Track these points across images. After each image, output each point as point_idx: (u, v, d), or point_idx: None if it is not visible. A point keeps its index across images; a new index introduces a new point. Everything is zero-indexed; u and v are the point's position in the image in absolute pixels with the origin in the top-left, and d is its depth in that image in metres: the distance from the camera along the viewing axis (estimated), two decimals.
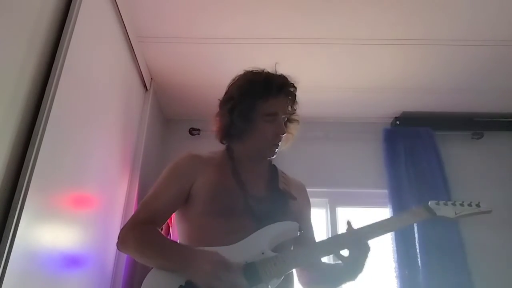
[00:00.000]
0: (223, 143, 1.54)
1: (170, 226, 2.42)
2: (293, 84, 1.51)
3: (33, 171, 1.28)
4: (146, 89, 2.66)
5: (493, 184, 2.88)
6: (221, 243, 1.22)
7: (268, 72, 1.51)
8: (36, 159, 1.30)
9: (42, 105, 1.36)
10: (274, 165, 1.57)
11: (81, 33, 1.58)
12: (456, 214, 1.38)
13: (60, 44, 1.47)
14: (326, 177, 2.88)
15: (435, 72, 2.60)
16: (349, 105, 2.97)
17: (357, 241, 1.28)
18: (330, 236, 2.73)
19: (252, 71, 1.53)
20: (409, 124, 3.00)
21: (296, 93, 1.52)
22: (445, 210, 1.38)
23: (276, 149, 1.47)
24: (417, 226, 2.64)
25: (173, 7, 2.13)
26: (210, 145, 3.01)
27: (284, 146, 1.51)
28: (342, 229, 2.81)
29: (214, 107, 1.50)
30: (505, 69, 2.55)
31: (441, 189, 2.75)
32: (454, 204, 1.40)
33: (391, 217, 1.45)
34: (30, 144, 1.30)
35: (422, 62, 2.52)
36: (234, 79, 1.56)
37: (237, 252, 1.20)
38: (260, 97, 1.43)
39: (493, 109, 2.96)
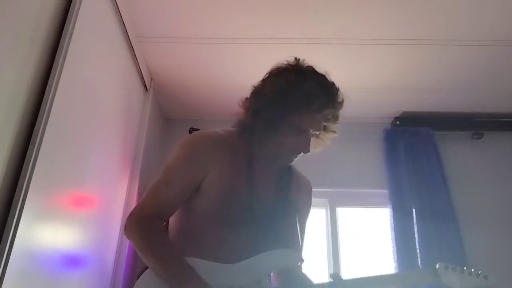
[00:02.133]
0: (239, 135, 1.36)
1: None
2: (340, 102, 1.34)
3: (33, 171, 1.28)
4: (146, 89, 2.66)
5: (493, 184, 2.88)
6: (215, 256, 1.17)
7: (314, 79, 1.31)
8: (36, 159, 1.30)
9: (42, 105, 1.36)
10: (290, 166, 1.45)
11: (81, 33, 1.58)
12: (461, 284, 1.30)
13: (60, 44, 1.47)
14: (326, 177, 2.88)
15: (435, 72, 2.61)
16: (349, 105, 2.92)
17: None
18: (329, 238, 2.76)
19: (296, 72, 1.33)
20: (409, 124, 3.00)
21: (341, 107, 1.37)
22: (451, 278, 1.29)
23: (292, 161, 1.34)
24: (417, 225, 2.65)
25: (173, 7, 2.13)
26: None
27: (314, 151, 1.37)
28: (341, 229, 2.83)
29: (215, 108, 1.49)
30: (505, 69, 2.56)
31: (441, 189, 2.75)
32: (462, 272, 1.32)
33: (393, 273, 1.39)
34: (30, 144, 1.30)
35: (422, 62, 2.52)
36: (275, 71, 1.37)
37: (232, 275, 1.15)
38: (294, 112, 1.25)
39: (493, 109, 2.96)
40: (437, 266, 1.30)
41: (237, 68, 2.59)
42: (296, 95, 1.25)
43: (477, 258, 2.59)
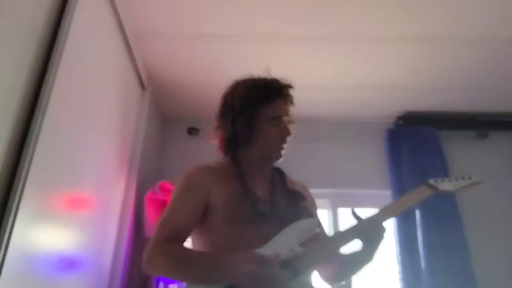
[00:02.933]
0: (226, 155, 1.53)
1: None
2: (290, 85, 1.52)
3: (28, 172, 1.27)
4: (144, 87, 2.64)
5: (498, 184, 2.86)
6: (248, 249, 1.23)
7: (264, 77, 1.51)
8: (32, 159, 1.29)
9: (37, 104, 1.36)
10: (278, 168, 1.58)
11: (77, 30, 1.57)
12: (455, 187, 1.48)
13: (56, 42, 1.46)
14: (328, 177, 2.87)
15: (438, 71, 2.60)
16: (351, 105, 2.96)
17: (375, 225, 1.39)
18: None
19: (248, 79, 1.53)
20: (412, 124, 2.99)
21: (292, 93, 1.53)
22: (445, 185, 1.47)
23: (283, 151, 1.49)
24: (421, 228, 2.64)
25: (172, 3, 2.12)
26: (210, 145, 3.01)
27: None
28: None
29: (214, 107, 1.48)
30: (510, 68, 2.55)
31: None
32: (450, 180, 1.49)
33: (397, 200, 1.53)
34: (25, 145, 1.30)
35: (425, 60, 2.52)
36: (229, 90, 1.56)
37: (266, 252, 1.22)
38: (263, 103, 1.45)
39: (497, 109, 2.96)
40: (429, 181, 1.47)
41: (237, 66, 2.56)
42: (258, 91, 1.46)
43: (482, 259, 2.59)
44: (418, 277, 2.52)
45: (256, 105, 1.45)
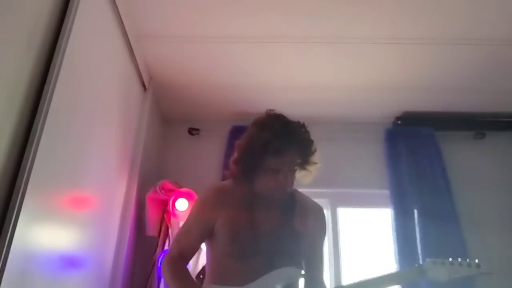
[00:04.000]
0: (238, 182, 1.62)
1: (169, 226, 2.41)
2: (303, 138, 1.55)
3: (31, 171, 1.28)
4: (145, 88, 2.65)
5: (496, 185, 2.87)
6: (234, 282, 1.44)
7: (271, 127, 1.53)
8: (34, 159, 1.29)
9: (40, 105, 1.36)
10: (293, 193, 1.65)
11: (79, 32, 1.58)
12: (449, 275, 1.44)
13: (58, 43, 1.47)
14: (327, 177, 2.84)
15: (437, 71, 2.60)
16: (350, 105, 2.96)
17: None
18: (330, 239, 2.75)
19: (257, 125, 1.58)
20: (411, 124, 2.99)
21: (310, 143, 1.58)
22: (438, 272, 1.44)
23: (281, 195, 1.56)
24: (418, 226, 2.64)
25: (173, 5, 2.12)
26: (210, 145, 3.02)
27: (305, 182, 1.61)
28: (342, 230, 2.82)
29: (214, 107, 1.50)
30: (507, 69, 2.55)
31: (443, 190, 2.74)
32: (451, 264, 1.47)
33: (383, 275, 1.52)
34: (28, 144, 1.30)
35: (423, 61, 2.52)
36: (254, 121, 1.62)
37: None
38: (263, 158, 1.51)
39: (495, 109, 2.96)
40: (426, 261, 1.45)
41: (237, 67, 2.59)
42: (258, 145, 1.51)
43: (479, 259, 2.57)
44: None
45: (256, 154, 1.51)
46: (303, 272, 1.51)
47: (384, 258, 2.68)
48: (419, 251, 2.58)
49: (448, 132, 2.99)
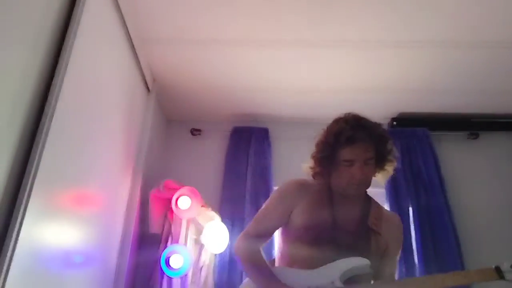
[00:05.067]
0: (316, 179, 1.65)
1: (172, 223, 2.42)
2: (378, 132, 1.58)
3: (37, 171, 1.28)
4: (149, 90, 2.66)
5: (489, 184, 2.87)
6: (302, 266, 1.48)
7: (345, 119, 1.60)
8: (40, 159, 1.30)
9: (46, 106, 1.36)
10: (369, 197, 1.68)
11: (84, 35, 1.58)
12: None
13: (63, 47, 1.47)
14: None
15: (431, 73, 2.60)
16: (346, 107, 2.93)
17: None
18: None
19: (333, 120, 1.64)
20: (406, 125, 2.99)
21: (386, 139, 1.61)
22: None
23: (356, 189, 1.56)
24: (413, 224, 2.65)
25: (176, 9, 2.12)
26: (211, 145, 3.03)
27: (382, 181, 1.66)
28: None
29: (216, 108, 1.52)
30: (501, 70, 2.55)
31: (437, 189, 2.75)
32: None
33: (456, 272, 1.52)
34: (34, 144, 1.30)
35: (418, 63, 2.52)
36: (329, 126, 1.66)
37: (312, 278, 1.43)
38: (337, 149, 1.54)
39: (489, 110, 2.96)
40: (504, 265, 1.38)
41: (239, 69, 2.59)
42: (332, 135, 1.56)
43: (474, 258, 2.59)
44: (412, 273, 2.53)
45: (330, 148, 1.55)
46: (370, 266, 1.47)
47: None
48: (414, 248, 2.59)
49: (443, 133, 3.00)
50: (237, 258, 1.64)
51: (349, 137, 1.51)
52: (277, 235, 1.69)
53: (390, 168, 1.65)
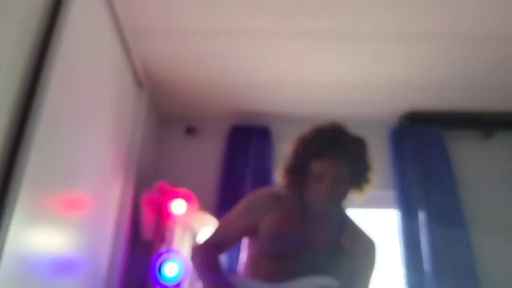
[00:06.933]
0: (290, 189, 1.64)
1: (165, 229, 2.41)
2: (354, 148, 1.56)
3: (23, 173, 1.28)
4: (141, 86, 2.64)
5: (503, 185, 2.87)
6: (266, 280, 1.46)
7: (316, 130, 1.57)
8: (27, 160, 1.30)
9: (32, 105, 1.36)
10: (346, 216, 1.67)
11: (73, 27, 1.58)
12: None
13: (51, 39, 1.47)
14: None
15: (443, 69, 2.60)
16: (353, 104, 2.96)
17: None
18: None
19: (315, 126, 1.60)
20: (416, 123, 2.99)
21: (362, 156, 1.60)
22: None
23: (324, 206, 1.54)
24: (424, 228, 2.64)
25: None
26: (208, 145, 3.01)
27: (359, 201, 1.64)
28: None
29: (213, 105, 1.51)
30: None
31: (450, 191, 2.75)
32: None
33: None
34: (20, 145, 1.30)
35: (429, 58, 2.52)
36: (302, 135, 1.64)
37: None
38: (307, 161, 1.53)
39: (503, 108, 2.95)
40: None
41: (237, 63, 2.58)
42: (302, 145, 1.55)
43: (487, 262, 2.59)
44: (422, 279, 2.53)
45: (305, 157, 1.53)
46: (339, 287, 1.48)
47: (389, 260, 2.68)
48: (425, 254, 2.58)
49: (455, 132, 2.99)
50: (192, 265, 1.63)
51: (316, 150, 1.50)
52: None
53: (366, 189, 1.62)
